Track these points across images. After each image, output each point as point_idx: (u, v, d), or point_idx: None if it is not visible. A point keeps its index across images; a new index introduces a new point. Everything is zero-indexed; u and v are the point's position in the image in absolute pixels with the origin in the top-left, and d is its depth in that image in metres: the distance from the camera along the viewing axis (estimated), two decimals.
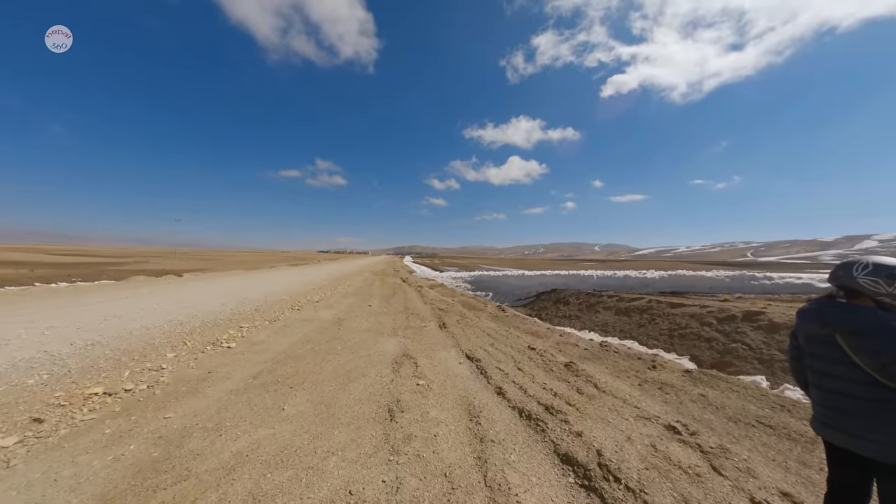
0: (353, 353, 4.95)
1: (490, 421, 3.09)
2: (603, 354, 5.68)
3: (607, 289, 15.53)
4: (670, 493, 2.16)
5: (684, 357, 8.44)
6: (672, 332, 10.16)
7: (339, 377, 3.98)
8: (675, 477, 2.32)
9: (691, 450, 2.67)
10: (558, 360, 4.88)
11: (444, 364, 4.66)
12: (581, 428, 2.91)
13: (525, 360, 4.89)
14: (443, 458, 2.49)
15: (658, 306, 11.63)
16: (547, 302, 16.28)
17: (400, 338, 5.88)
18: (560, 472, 2.45)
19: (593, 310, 13.70)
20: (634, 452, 2.58)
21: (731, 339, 8.60)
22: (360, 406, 3.25)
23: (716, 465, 2.45)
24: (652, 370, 4.86)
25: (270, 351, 4.93)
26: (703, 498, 2.13)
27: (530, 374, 4.31)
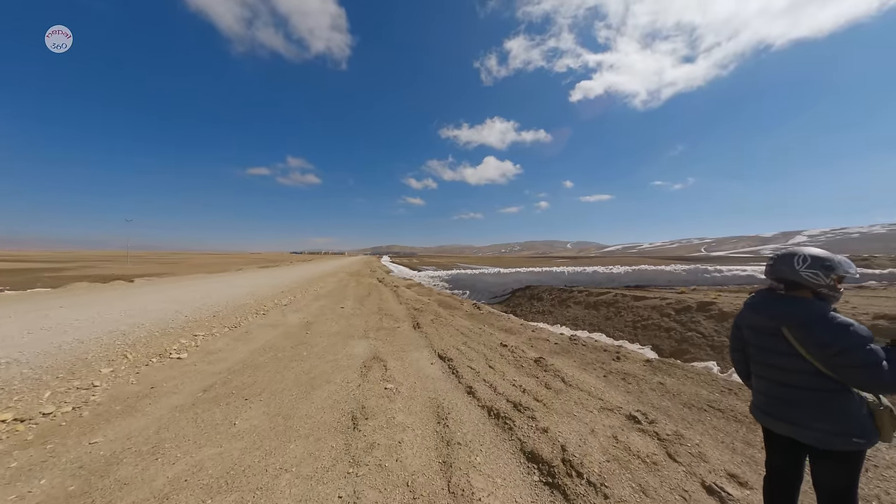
0: (320, 358, 4.71)
1: (458, 422, 3.03)
2: (572, 348, 5.84)
3: (578, 284, 16.15)
4: (629, 484, 2.21)
5: (647, 347, 8.93)
6: (636, 323, 10.72)
7: (302, 385, 3.76)
8: (634, 467, 2.38)
9: (649, 438, 2.77)
10: (529, 355, 4.94)
11: (415, 365, 4.55)
12: (547, 424, 2.93)
13: (497, 358, 4.90)
14: (406, 465, 2.39)
15: (623, 300, 12.23)
16: (521, 298, 16.62)
17: (371, 340, 5.70)
18: (525, 471, 2.44)
19: (565, 305, 14.16)
20: (597, 445, 2.63)
21: (687, 329, 9.21)
22: (322, 415, 3.06)
23: (671, 451, 2.55)
24: (616, 361, 5.04)
25: (227, 360, 4.57)
26: (659, 486, 2.20)
27: (501, 371, 4.31)
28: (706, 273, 14.77)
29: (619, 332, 10.57)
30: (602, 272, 16.24)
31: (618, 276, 15.82)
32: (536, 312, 14.44)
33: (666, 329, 9.75)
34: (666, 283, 14.92)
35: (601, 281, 16.24)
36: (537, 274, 18.08)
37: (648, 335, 9.86)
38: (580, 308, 13.45)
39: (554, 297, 15.03)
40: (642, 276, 15.44)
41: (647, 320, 10.60)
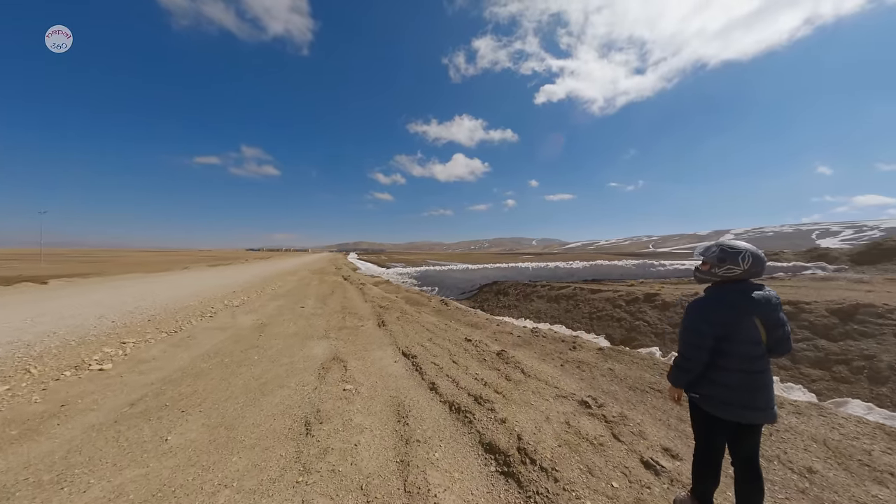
0: (273, 361, 4.40)
1: (419, 419, 3.00)
2: (533, 340, 6.06)
3: (541, 279, 16.91)
4: (578, 466, 2.33)
5: (601, 336, 9.58)
6: (592, 314, 11.45)
7: (251, 392, 3.48)
8: (583, 449, 2.52)
9: (598, 421, 2.95)
10: (492, 349, 5.04)
11: (377, 364, 4.43)
12: (506, 414, 3.00)
13: (461, 353, 4.93)
14: (361, 468, 2.30)
15: (581, 293, 13.00)
16: (489, 294, 17.01)
17: (332, 340, 5.45)
18: (483, 462, 2.47)
19: (529, 299, 14.73)
20: (551, 431, 2.75)
21: (636, 318, 10.03)
22: (271, 423, 2.86)
23: (616, 432, 2.74)
24: (572, 351, 5.33)
25: (163, 369, 4.10)
26: (604, 465, 2.34)
27: (464, 365, 4.35)
28: (652, 267, 16.24)
29: (577, 324, 11.24)
30: (563, 267, 17.13)
31: (577, 270, 16.79)
32: (502, 307, 14.85)
33: (618, 319, 10.55)
34: (618, 277, 16.15)
35: (562, 276, 17.14)
36: (504, 270, 18.61)
37: (602, 325, 10.60)
38: (543, 302, 14.08)
39: (519, 292, 15.57)
40: (598, 271, 16.55)
41: (602, 311, 11.39)
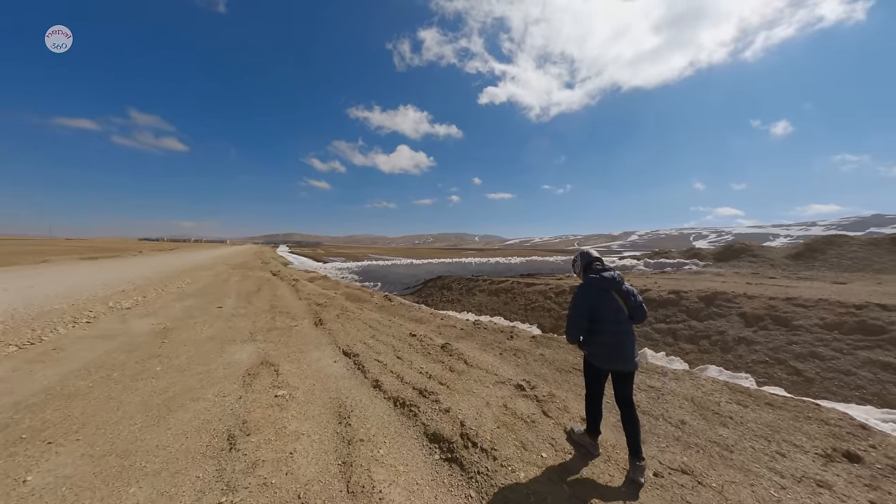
0: (182, 372, 3.77)
1: (362, 419, 2.91)
2: (475, 332, 6.36)
3: (483, 274, 17.78)
4: (514, 443, 2.55)
5: (534, 325, 10.53)
6: (527, 306, 12.50)
7: (152, 409, 2.93)
8: (518, 428, 2.76)
9: (531, 401, 3.26)
10: (436, 342, 5.13)
11: (315, 366, 4.14)
12: (450, 404, 3.10)
13: (405, 348, 4.92)
14: (299, 477, 2.15)
15: (518, 286, 14.07)
16: (433, 288, 17.21)
17: (260, 343, 4.90)
18: (427, 452, 2.53)
19: (471, 293, 15.36)
20: (490, 415, 2.94)
21: (563, 308, 11.27)
22: (183, 442, 2.46)
23: (545, 409, 3.07)
24: (510, 340, 5.75)
25: (13, 393, 3.18)
26: (535, 439, 2.61)
27: (409, 360, 4.35)
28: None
29: (515, 315, 12.16)
30: (503, 263, 18.26)
31: (515, 266, 18.08)
32: (446, 301, 15.21)
33: (548, 309, 11.73)
34: (549, 272, 17.92)
35: (502, 271, 18.27)
36: (448, 265, 19.03)
37: (536, 315, 11.67)
38: (484, 295, 14.84)
39: (462, 286, 16.12)
40: (533, 266, 18.10)
41: (535, 303, 12.52)
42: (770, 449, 2.55)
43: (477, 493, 2.12)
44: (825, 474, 2.29)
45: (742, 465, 2.37)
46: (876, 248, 18.31)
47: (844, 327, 6.92)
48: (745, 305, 8.59)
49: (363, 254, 49.72)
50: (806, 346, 6.85)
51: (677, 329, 8.90)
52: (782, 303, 8.24)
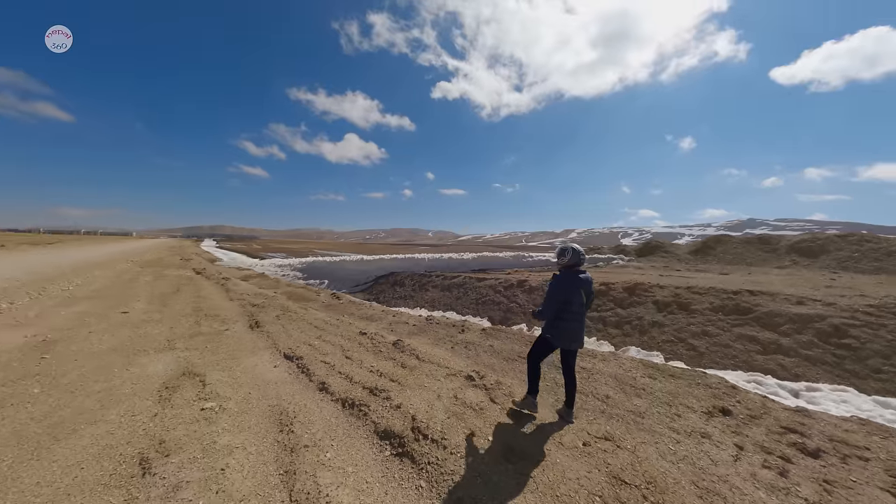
0: (73, 392, 3.14)
1: (307, 424, 2.77)
2: (428, 327, 6.42)
3: (436, 269, 17.93)
4: (463, 431, 2.66)
5: (485, 318, 10.99)
6: (478, 300, 12.98)
7: (28, 441, 2.40)
8: (468, 416, 2.89)
9: (480, 390, 3.42)
10: (388, 339, 5.07)
11: (251, 373, 3.79)
12: (401, 400, 3.11)
13: (355, 347, 4.76)
14: (233, 494, 1.97)
15: (470, 281, 14.53)
16: (385, 285, 16.86)
17: (180, 352, 4.31)
18: (378, 450, 2.51)
19: (424, 289, 15.42)
20: (441, 407, 3.02)
21: (511, 301, 11.97)
22: (77, 474, 2.07)
23: (493, 396, 3.26)
24: (461, 333, 5.93)
25: None
26: (483, 425, 2.76)
27: (359, 359, 4.23)
28: (524, 258, 19.68)
29: (466, 309, 12.54)
30: (456, 258, 18.62)
31: (467, 261, 18.59)
32: (399, 298, 15.04)
33: (497, 303, 12.35)
34: (499, 267, 18.82)
35: (455, 266, 18.65)
36: (400, 261, 18.78)
37: (486, 309, 12.19)
38: (437, 291, 15.02)
39: (415, 283, 16.09)
40: (484, 262, 18.82)
41: (486, 297, 13.07)
42: (670, 412, 3.07)
43: (427, 482, 2.18)
44: (707, 427, 2.83)
45: (650, 428, 2.81)
46: (749, 246, 22.87)
47: (725, 309, 8.56)
48: (657, 294, 10.07)
49: (308, 249, 46.30)
50: (699, 326, 8.31)
51: (606, 316, 10.09)
52: (684, 291, 9.86)
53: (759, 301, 8.43)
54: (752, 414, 3.03)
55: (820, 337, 6.91)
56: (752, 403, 3.22)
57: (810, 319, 7.33)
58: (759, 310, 8.10)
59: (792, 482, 2.22)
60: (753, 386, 4.84)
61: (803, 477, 2.27)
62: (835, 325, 7.01)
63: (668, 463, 2.38)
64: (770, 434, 2.75)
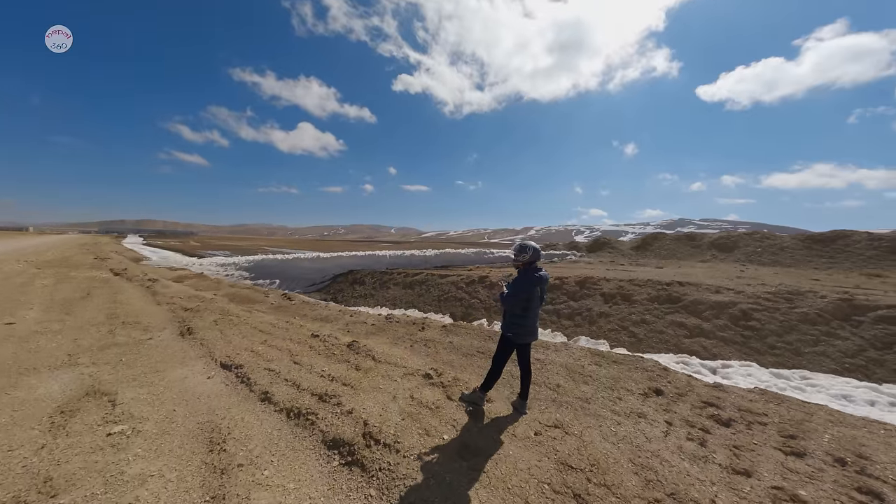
0: None
1: (242, 440, 2.48)
2: (387, 326, 6.24)
3: (397, 266, 17.59)
4: (417, 432, 2.59)
5: (446, 315, 11.03)
6: (440, 297, 12.99)
7: None
8: (423, 416, 2.82)
9: (437, 388, 3.37)
10: (343, 341, 4.80)
11: (177, 387, 3.33)
12: (353, 405, 2.94)
13: (305, 351, 4.44)
14: None
15: (432, 278, 14.48)
16: (343, 284, 16.14)
17: (85, 368, 3.65)
18: (325, 461, 2.34)
19: (385, 286, 15.05)
20: (396, 409, 2.92)
21: (472, 297, 12.16)
22: None
23: (449, 393, 3.23)
24: (421, 331, 5.85)
25: None
26: (439, 423, 2.72)
27: (309, 364, 3.94)
28: (486, 255, 20.13)
29: (428, 306, 12.48)
30: (418, 255, 18.43)
31: (429, 258, 18.51)
32: (358, 297, 14.50)
33: (459, 299, 12.46)
34: (462, 263, 19.04)
35: (417, 263, 18.46)
36: (360, 258, 18.10)
37: (448, 305, 12.24)
38: (399, 288, 14.74)
39: (376, 280, 15.63)
40: (446, 258, 18.89)
41: (448, 293, 13.13)
42: (613, 396, 3.30)
43: (378, 490, 2.07)
44: (643, 407, 3.09)
45: (595, 412, 2.99)
46: (679, 243, 25.85)
47: (660, 299, 9.55)
48: (604, 287, 10.92)
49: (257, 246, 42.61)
50: (639, 315, 9.17)
51: (560, 309, 10.70)
52: (627, 284, 10.81)
53: (687, 291, 9.55)
54: (680, 392, 3.38)
55: (732, 320, 8.01)
56: (680, 382, 3.59)
57: (725, 306, 8.46)
58: (686, 299, 9.16)
59: (709, 450, 2.49)
60: (681, 366, 5.44)
61: (718, 444, 2.56)
62: (743, 310, 8.18)
63: (610, 444, 2.54)
64: (693, 409, 3.08)
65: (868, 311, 7.26)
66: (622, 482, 2.13)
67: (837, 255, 17.41)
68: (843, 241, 18.03)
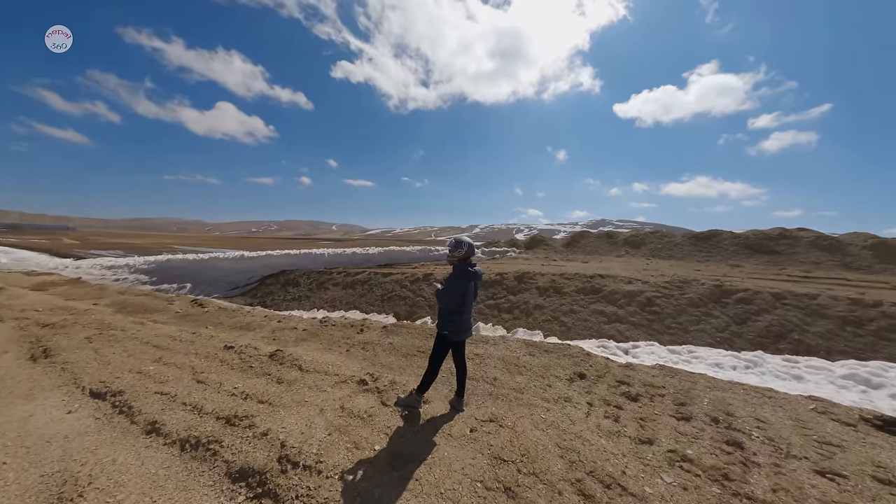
0: None
1: (110, 490, 1.95)
2: (321, 331, 5.72)
3: (337, 265, 16.50)
4: (345, 447, 2.35)
5: (390, 315, 10.69)
6: (384, 296, 12.56)
7: None
8: (353, 427, 2.59)
9: (371, 394, 3.16)
10: (264, 351, 4.23)
11: (14, 431, 2.51)
12: (270, 425, 2.56)
13: (214, 367, 3.78)
14: None
15: (375, 277, 13.93)
16: (274, 286, 14.54)
17: None
18: (227, 497, 1.96)
19: (323, 287, 13.99)
20: (323, 423, 2.62)
21: (417, 295, 12.01)
22: None
23: (385, 399, 3.04)
24: (360, 333, 5.50)
25: None
26: (370, 434, 2.52)
27: (217, 382, 3.35)
28: (431, 252, 20.12)
29: (371, 306, 11.96)
30: (360, 253, 17.56)
31: (373, 256, 17.79)
32: (292, 299, 13.21)
33: (404, 298, 12.21)
34: (407, 261, 18.72)
35: (359, 261, 17.58)
36: (294, 257, 16.51)
37: (392, 305, 11.90)
38: (338, 289, 13.83)
39: (312, 281, 14.42)
40: (391, 256, 18.38)
41: (392, 292, 12.76)
42: (543, 383, 3.49)
43: None
44: (569, 391, 3.33)
45: (527, 402, 3.11)
46: (600, 240, 29.36)
47: (585, 290, 10.65)
48: (539, 281, 11.77)
49: (162, 244, 35.83)
50: (568, 306, 10.10)
51: (500, 303, 11.21)
52: (558, 277, 11.82)
53: (606, 283, 10.83)
54: (599, 374, 3.74)
55: (640, 307, 9.33)
56: (599, 365, 3.97)
57: (635, 294, 9.82)
58: (605, 289, 10.39)
59: (622, 425, 2.77)
60: (601, 350, 6.09)
61: (629, 419, 2.87)
62: (648, 297, 9.58)
63: (540, 431, 2.65)
64: (609, 388, 3.42)
65: (732, 294, 9.12)
66: (549, 467, 2.21)
67: (712, 250, 21.71)
68: (716, 238, 22.56)
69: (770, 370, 5.04)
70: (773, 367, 5.14)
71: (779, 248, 19.40)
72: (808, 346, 7.11)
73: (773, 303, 8.50)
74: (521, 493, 2.00)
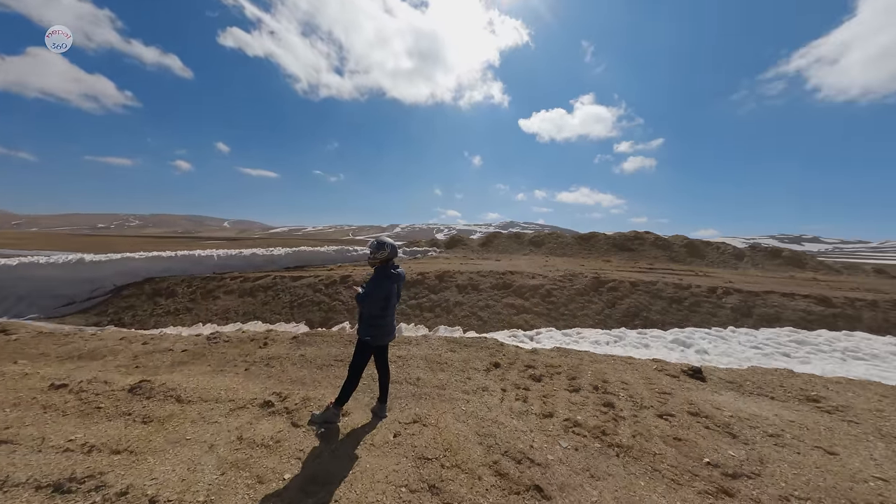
0: None
1: None
2: (209, 350, 4.74)
3: (231, 269, 13.86)
4: (245, 484, 2.00)
5: (301, 323, 9.61)
6: (293, 303, 11.21)
7: None
8: (256, 459, 2.23)
9: (279, 417, 2.77)
10: (120, 385, 3.25)
11: None
12: (131, 480, 1.98)
13: (30, 416, 2.71)
14: None
15: (282, 281, 12.31)
16: (136, 298, 11.28)
17: None
18: None
19: (212, 296, 11.61)
20: (213, 462, 2.17)
21: (333, 299, 11.13)
22: None
23: (295, 420, 2.72)
24: (263, 348, 4.78)
25: None
26: (278, 463, 2.21)
27: (36, 437, 2.41)
28: (348, 252, 18.88)
29: (277, 315, 10.51)
30: (262, 254, 15.23)
31: (278, 257, 15.65)
32: (166, 314, 10.49)
33: (318, 303, 11.14)
34: (321, 263, 17.12)
35: (260, 264, 15.22)
36: (167, 260, 13.20)
37: (304, 312, 10.71)
38: (233, 297, 11.67)
39: (196, 289, 11.75)
40: (301, 257, 16.51)
41: (303, 298, 11.48)
42: (463, 377, 3.69)
43: None
44: (486, 381, 3.61)
45: (449, 396, 3.24)
46: (510, 240, 32.79)
47: (498, 286, 11.72)
48: (458, 279, 12.40)
49: None
50: (484, 301, 10.94)
51: (422, 302, 11.36)
52: (475, 275, 12.68)
53: (515, 278, 12.17)
54: (511, 361, 4.16)
55: (542, 298, 10.80)
56: (510, 353, 4.43)
57: (538, 287, 11.32)
58: (515, 284, 11.66)
59: (529, 404, 3.16)
60: (512, 339, 6.81)
61: (535, 398, 3.29)
62: (548, 289, 11.18)
63: (461, 423, 2.79)
64: (519, 373, 3.85)
65: (605, 284, 11.42)
66: (469, 456, 2.35)
67: (592, 248, 26.85)
68: (594, 239, 27.97)
69: (630, 342, 6.51)
70: (631, 339, 6.66)
71: (633, 246, 25.27)
72: (652, 321, 9.45)
73: (630, 289, 11.02)
74: (445, 487, 2.07)
